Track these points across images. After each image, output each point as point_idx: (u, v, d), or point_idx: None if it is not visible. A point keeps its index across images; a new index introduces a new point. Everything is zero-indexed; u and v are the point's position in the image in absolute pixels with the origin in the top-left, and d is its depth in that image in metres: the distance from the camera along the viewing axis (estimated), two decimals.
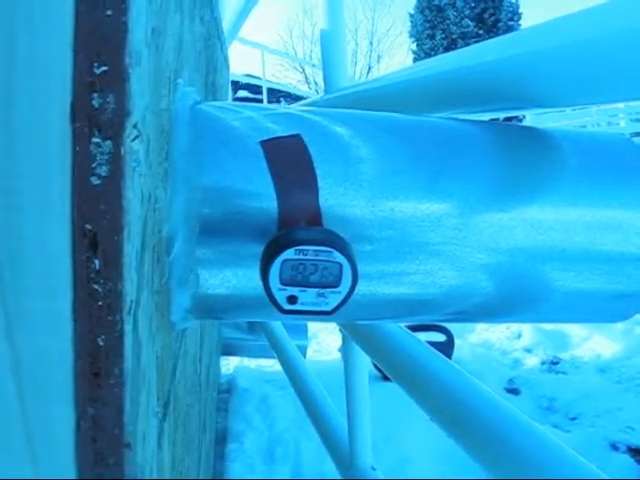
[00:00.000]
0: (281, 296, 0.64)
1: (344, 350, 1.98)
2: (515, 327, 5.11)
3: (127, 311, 0.45)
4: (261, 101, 9.40)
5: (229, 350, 3.82)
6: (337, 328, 4.51)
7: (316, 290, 0.64)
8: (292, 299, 0.64)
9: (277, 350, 2.92)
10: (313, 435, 2.32)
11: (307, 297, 0.65)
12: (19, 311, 0.43)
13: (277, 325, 3.09)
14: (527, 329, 5.03)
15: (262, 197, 0.68)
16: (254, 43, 8.49)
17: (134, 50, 0.43)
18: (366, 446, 1.91)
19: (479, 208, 0.74)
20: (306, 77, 28.28)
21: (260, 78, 9.65)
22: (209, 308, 0.74)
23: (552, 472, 0.87)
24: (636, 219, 0.78)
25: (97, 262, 0.42)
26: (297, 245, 0.62)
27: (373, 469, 1.89)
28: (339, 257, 0.63)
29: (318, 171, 0.70)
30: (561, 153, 0.80)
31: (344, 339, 1.97)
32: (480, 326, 5.20)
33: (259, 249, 0.67)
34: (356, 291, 0.67)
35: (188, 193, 0.67)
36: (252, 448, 3.13)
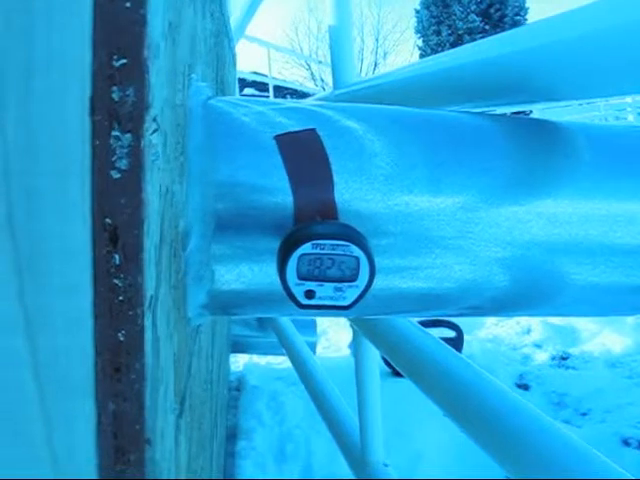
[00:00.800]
0: (299, 291, 0.64)
1: (355, 346, 1.98)
2: (524, 322, 5.11)
3: (147, 306, 0.45)
4: (267, 98, 9.39)
5: (238, 347, 3.83)
6: (347, 324, 4.52)
7: (334, 284, 0.64)
8: (310, 294, 0.64)
9: (286, 347, 2.92)
10: (324, 432, 2.32)
11: (325, 291, 0.64)
12: (39, 308, 0.43)
13: (286, 322, 3.10)
14: (536, 324, 5.02)
15: (277, 192, 0.68)
16: (260, 41, 8.48)
17: (153, 43, 0.43)
18: (378, 442, 1.91)
19: (494, 202, 0.73)
20: (312, 74, 28.26)
21: (266, 76, 9.66)
22: (224, 304, 0.74)
23: (567, 467, 0.86)
24: None
25: (117, 257, 0.42)
26: (314, 239, 0.62)
27: (385, 465, 1.89)
28: (356, 251, 0.62)
29: (333, 166, 0.70)
30: (575, 146, 0.80)
31: (355, 335, 1.96)
32: (489, 321, 5.20)
33: (275, 244, 0.67)
34: (373, 285, 0.66)
35: (203, 188, 0.67)
36: (263, 445, 3.13)
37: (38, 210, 0.41)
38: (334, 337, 4.87)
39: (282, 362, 3.98)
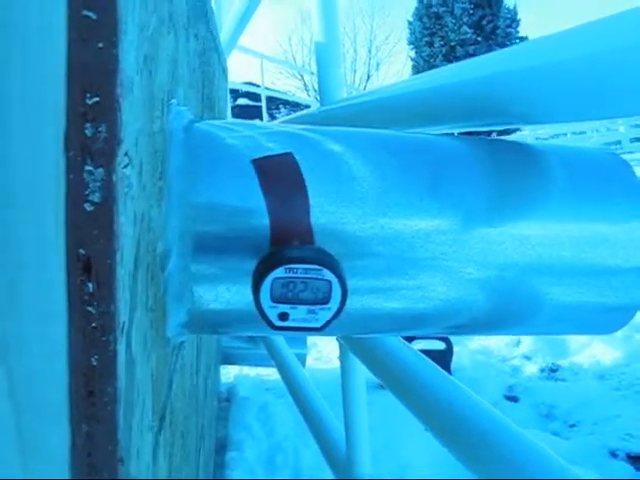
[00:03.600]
0: (272, 313, 0.66)
1: (341, 359, 1.99)
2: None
3: (120, 331, 0.46)
4: (260, 108, 9.43)
5: (229, 359, 3.83)
6: (335, 337, 4.52)
7: (306, 307, 0.66)
8: (283, 316, 0.66)
9: (276, 359, 2.93)
10: (312, 443, 2.33)
11: (298, 314, 0.66)
12: (16, 333, 0.44)
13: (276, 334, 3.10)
14: (526, 336, 5.03)
15: (255, 214, 0.70)
16: (253, 52, 8.52)
17: (126, 79, 0.44)
18: (364, 455, 1.92)
19: (468, 224, 0.75)
20: (305, 84, 28.36)
21: (259, 86, 9.68)
22: (204, 323, 0.76)
23: None
24: (622, 233, 0.80)
25: (90, 285, 0.44)
26: (287, 263, 0.64)
27: (371, 478, 1.90)
28: (328, 275, 0.64)
29: (310, 189, 0.71)
30: (548, 168, 0.82)
31: (341, 348, 1.98)
32: None
33: (252, 265, 0.69)
34: (348, 306, 0.68)
35: (182, 210, 0.68)
36: (252, 456, 3.14)
37: (15, 240, 0.43)
38: (325, 349, 4.87)
39: (272, 374, 3.98)
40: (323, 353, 4.84)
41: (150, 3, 0.54)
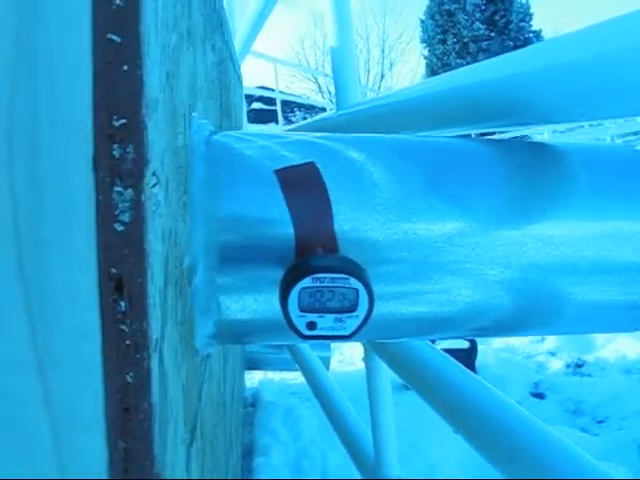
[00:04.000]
0: (300, 322, 0.66)
1: (366, 361, 1.99)
2: None
3: (153, 348, 0.47)
4: (275, 112, 9.45)
5: (253, 364, 3.85)
6: None
7: (334, 315, 0.66)
8: (311, 325, 0.66)
9: (300, 363, 2.94)
10: (339, 446, 2.33)
11: (326, 322, 0.66)
12: (50, 351, 0.45)
13: None
14: None
15: (278, 224, 0.70)
16: (267, 56, 8.54)
17: (151, 99, 0.45)
18: (392, 456, 1.92)
19: (491, 226, 0.75)
20: (319, 86, 28.38)
21: (274, 90, 9.71)
22: (231, 333, 0.76)
23: None
24: None
25: (123, 304, 0.44)
26: (314, 273, 0.64)
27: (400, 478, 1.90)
28: (355, 283, 0.65)
29: (332, 197, 0.72)
30: (569, 167, 0.82)
31: (366, 351, 1.98)
32: None
33: (278, 275, 0.69)
34: (374, 312, 0.68)
35: (207, 223, 0.69)
36: (279, 461, 3.15)
37: (47, 261, 0.43)
38: (348, 351, 4.88)
39: (296, 377, 3.99)
40: (346, 355, 4.84)
41: (170, 21, 0.55)
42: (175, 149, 0.58)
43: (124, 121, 0.42)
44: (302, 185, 0.72)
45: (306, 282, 0.64)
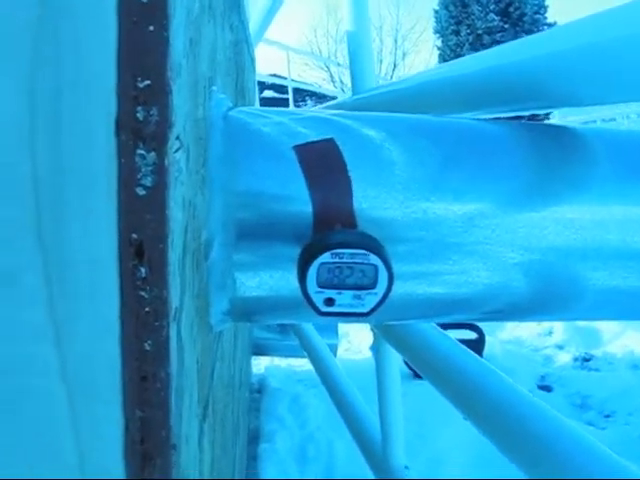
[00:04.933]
0: (318, 299, 0.65)
1: (375, 348, 1.98)
2: (546, 324, 5.08)
3: (172, 317, 0.46)
4: (287, 100, 9.43)
5: (260, 350, 3.85)
6: (368, 326, 4.52)
7: (352, 292, 0.65)
8: (329, 301, 0.65)
9: (308, 349, 2.93)
10: (345, 434, 2.33)
11: (344, 299, 0.66)
12: (67, 316, 0.44)
13: (307, 325, 3.11)
14: (558, 326, 4.99)
15: (297, 201, 0.69)
16: (279, 44, 8.52)
17: (175, 63, 0.44)
18: (399, 445, 1.92)
19: (511, 208, 0.74)
20: (331, 76, 28.29)
21: (286, 78, 9.69)
22: (246, 310, 0.75)
23: (587, 471, 0.87)
24: None
25: (143, 270, 0.43)
26: (333, 249, 0.63)
27: (406, 468, 1.89)
28: (374, 259, 0.64)
29: (351, 174, 0.71)
30: (591, 151, 0.81)
31: (375, 337, 1.97)
32: (511, 323, 5.17)
33: (295, 252, 0.68)
34: (391, 292, 0.68)
35: (224, 199, 0.68)
36: (284, 448, 3.15)
37: (66, 225, 0.43)
38: (355, 339, 4.88)
39: (303, 364, 3.99)
40: (354, 343, 4.84)
41: None
42: (196, 119, 0.57)
43: (148, 82, 0.41)
44: (321, 161, 0.71)
45: (325, 257, 0.63)
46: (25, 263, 0.44)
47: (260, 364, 4.32)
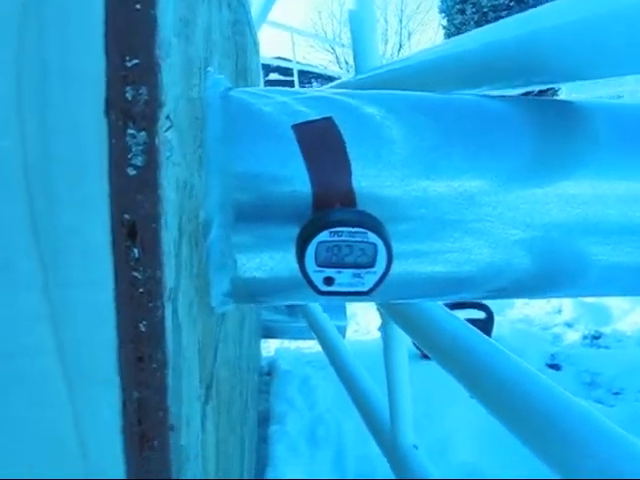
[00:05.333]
0: (317, 278, 0.65)
1: (383, 329, 1.98)
2: (555, 302, 5.06)
3: (167, 297, 0.46)
4: (292, 83, 9.40)
5: (269, 333, 3.85)
6: (376, 307, 4.52)
7: (352, 271, 0.65)
8: (328, 280, 0.65)
9: (316, 331, 2.93)
10: (354, 415, 2.33)
11: (343, 278, 0.65)
12: (63, 300, 0.44)
13: (316, 306, 3.11)
14: (567, 304, 4.97)
15: (295, 181, 0.69)
16: (283, 25, 8.46)
17: (164, 41, 0.44)
18: (407, 425, 1.92)
19: (513, 184, 0.74)
20: (337, 57, 28.14)
21: (291, 60, 9.64)
22: (247, 292, 0.75)
23: (594, 448, 0.87)
24: None
25: (136, 251, 0.43)
26: (332, 227, 0.63)
27: (415, 447, 1.90)
28: (373, 237, 0.63)
29: (351, 153, 0.70)
30: (594, 126, 0.80)
31: (382, 318, 1.97)
32: (519, 302, 5.16)
33: (294, 232, 0.68)
34: (392, 271, 0.67)
35: (222, 179, 0.68)
36: (294, 429, 3.16)
37: (58, 208, 0.42)
38: (363, 320, 4.87)
39: (312, 346, 4.00)
40: (362, 325, 4.84)
41: None
42: (190, 99, 0.57)
43: (137, 61, 0.41)
44: (320, 140, 0.70)
45: (324, 236, 0.63)
46: (19, 247, 0.43)
47: (270, 347, 4.33)
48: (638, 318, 4.65)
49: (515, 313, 4.99)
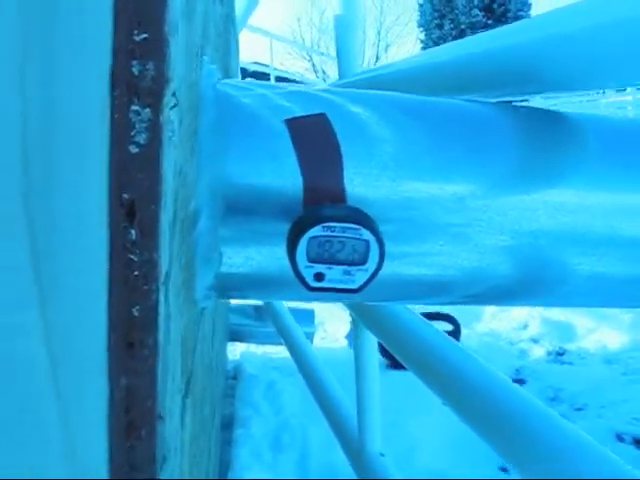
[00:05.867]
0: (308, 273, 0.64)
1: (354, 335, 1.98)
2: (522, 317, 5.11)
3: (162, 282, 0.45)
4: None
5: (236, 336, 3.84)
6: (344, 316, 4.53)
7: (343, 268, 0.64)
8: (319, 276, 0.64)
9: (284, 336, 2.92)
10: (320, 421, 2.32)
11: (334, 274, 0.64)
12: (53, 281, 0.43)
13: (285, 311, 3.09)
14: (533, 319, 5.02)
15: (287, 176, 0.68)
16: (263, 30, 8.45)
17: (173, 19, 0.43)
18: (375, 432, 1.91)
19: (502, 190, 0.74)
20: (314, 66, 28.22)
21: (268, 65, 9.62)
22: (232, 286, 0.74)
23: (564, 454, 0.87)
24: None
25: (134, 232, 0.42)
26: (325, 222, 0.62)
27: (382, 455, 1.89)
28: (366, 234, 0.63)
29: (342, 150, 0.70)
30: (582, 137, 0.80)
31: (354, 325, 1.96)
32: (487, 315, 5.20)
33: (283, 227, 0.67)
34: (380, 273, 0.66)
35: (213, 171, 0.67)
36: (259, 434, 3.14)
37: (55, 185, 0.41)
38: (331, 328, 4.87)
39: (279, 352, 3.98)
40: (329, 332, 4.83)
41: None
42: (190, 84, 0.56)
43: (145, 36, 0.40)
44: (313, 136, 0.70)
45: (316, 231, 0.62)
46: (10, 224, 0.42)
47: (236, 350, 4.30)
48: (602, 336, 4.71)
49: (482, 327, 5.02)
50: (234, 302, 3.79)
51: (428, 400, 2.93)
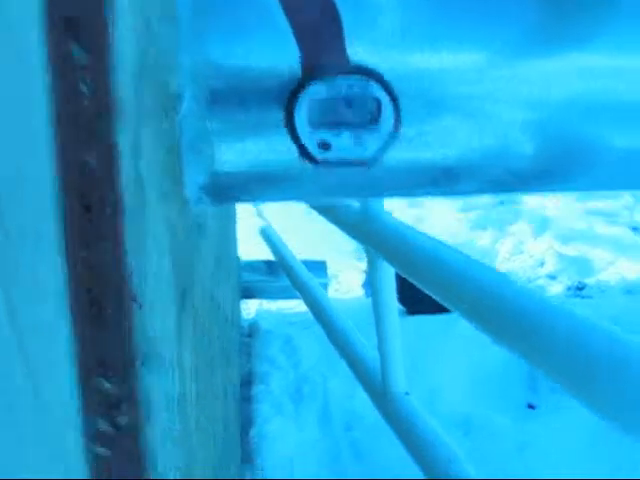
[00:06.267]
0: (311, 142, 0.54)
1: (371, 278, 1.90)
2: (538, 254, 5.01)
3: (122, 129, 0.35)
4: None
5: (249, 293, 3.77)
6: (358, 265, 4.47)
7: (351, 132, 0.54)
8: (324, 146, 0.54)
9: (299, 288, 2.86)
10: (340, 371, 2.27)
11: (342, 142, 0.54)
12: None
13: (298, 264, 3.02)
14: (550, 256, 4.93)
15: (282, 53, 0.58)
16: None
17: None
18: (399, 373, 1.86)
19: (524, 55, 0.64)
20: None
21: None
22: (227, 187, 0.65)
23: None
24: None
25: (78, 49, 0.32)
26: (326, 73, 0.52)
27: (407, 394, 1.84)
28: (377, 90, 0.53)
29: (342, 18, 0.60)
30: None
31: (370, 265, 1.89)
32: (502, 255, 5.12)
33: (280, 113, 0.57)
34: (391, 156, 0.57)
35: (196, 48, 0.57)
36: (279, 388, 3.09)
37: None
38: (344, 279, 4.80)
39: (294, 307, 3.91)
40: (343, 284, 4.76)
41: None
42: None
43: None
44: (308, 4, 0.60)
45: (317, 90, 0.52)
46: None
47: (249, 308, 4.23)
48: (620, 268, 4.64)
49: (497, 266, 4.94)
50: (244, 259, 3.72)
51: (448, 344, 2.88)
